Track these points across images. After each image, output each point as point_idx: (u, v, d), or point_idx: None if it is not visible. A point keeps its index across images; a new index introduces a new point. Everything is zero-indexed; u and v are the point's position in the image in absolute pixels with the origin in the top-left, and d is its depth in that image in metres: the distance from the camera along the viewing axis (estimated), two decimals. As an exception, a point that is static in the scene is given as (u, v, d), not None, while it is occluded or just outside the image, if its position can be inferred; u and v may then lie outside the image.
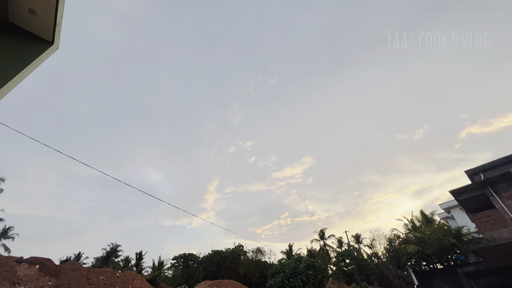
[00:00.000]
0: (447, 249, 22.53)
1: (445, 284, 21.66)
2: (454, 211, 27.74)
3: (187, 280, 41.37)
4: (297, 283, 15.65)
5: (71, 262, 29.09)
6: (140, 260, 45.68)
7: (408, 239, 25.86)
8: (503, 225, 12.58)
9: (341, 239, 44.04)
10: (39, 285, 22.05)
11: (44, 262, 24.86)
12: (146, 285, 29.97)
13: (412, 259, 24.71)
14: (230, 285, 26.47)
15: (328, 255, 43.13)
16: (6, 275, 20.81)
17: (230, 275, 38.48)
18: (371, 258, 39.84)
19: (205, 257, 42.82)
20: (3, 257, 23.39)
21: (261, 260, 44.98)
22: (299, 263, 17.32)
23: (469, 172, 17.80)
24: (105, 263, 41.52)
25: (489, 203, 14.63)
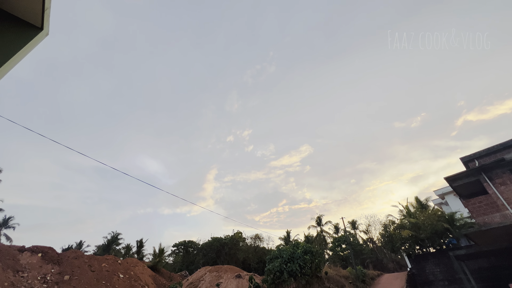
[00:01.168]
0: (440, 233, 23.21)
1: (437, 266, 22.47)
2: (448, 197, 28.36)
3: (187, 266, 42.47)
4: (294, 267, 16.13)
5: (73, 250, 29.61)
6: (141, 248, 46.61)
7: (403, 224, 26.54)
8: (495, 210, 12.91)
9: (337, 225, 45.07)
10: (43, 272, 22.53)
11: (46, 251, 25.28)
12: (147, 272, 30.75)
13: (406, 244, 25.48)
14: (230, 270, 27.25)
15: (325, 241, 44.26)
16: (9, 264, 21.20)
17: (230, 261, 39.49)
18: (367, 243, 41.00)
19: (204, 244, 43.75)
20: (5, 246, 23.72)
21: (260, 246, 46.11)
22: (296, 249, 17.78)
23: (464, 159, 18.03)
24: (106, 251, 42.31)
25: (482, 189, 14.94)
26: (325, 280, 19.18)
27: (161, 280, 30.87)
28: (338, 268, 24.27)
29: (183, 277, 34.45)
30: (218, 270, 26.91)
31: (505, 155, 14.87)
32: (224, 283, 23.64)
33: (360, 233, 43.77)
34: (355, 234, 42.65)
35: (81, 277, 23.57)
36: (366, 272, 24.70)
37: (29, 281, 20.94)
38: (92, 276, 24.41)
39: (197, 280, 25.74)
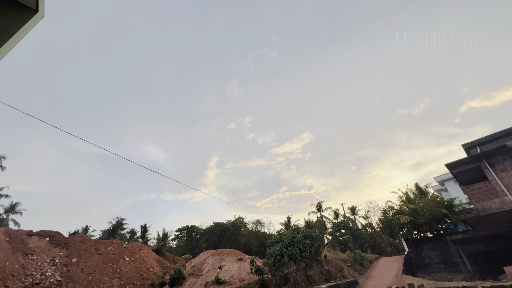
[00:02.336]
0: (438, 219, 23.60)
1: (434, 250, 23.04)
2: (448, 184, 28.56)
3: (190, 250, 43.80)
4: (294, 251, 16.57)
5: (80, 234, 30.48)
6: (145, 232, 47.91)
7: (402, 210, 26.94)
8: (494, 196, 13.04)
9: (337, 211, 45.84)
10: (51, 255, 23.33)
11: (54, 235, 26.05)
12: (152, 255, 31.78)
13: (404, 229, 26.00)
14: (232, 253, 28.09)
15: (325, 226, 45.22)
16: (19, 247, 21.93)
17: (232, 245, 40.67)
18: (366, 228, 41.87)
19: (207, 228, 44.87)
20: (13, 230, 24.43)
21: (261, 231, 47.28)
22: (297, 233, 18.18)
23: (466, 145, 17.97)
24: (111, 235, 43.51)
25: (482, 175, 15.00)
26: (324, 263, 19.77)
27: (166, 263, 31.95)
28: (337, 252, 24.94)
29: (187, 260, 35.63)
30: (221, 254, 27.73)
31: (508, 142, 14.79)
32: (226, 266, 24.44)
33: (359, 218, 44.64)
34: (355, 220, 43.47)
35: (89, 260, 24.41)
36: (364, 255, 25.39)
37: (38, 263, 21.70)
38: (99, 259, 25.26)
39: (200, 263, 26.60)
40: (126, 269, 25.49)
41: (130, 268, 25.85)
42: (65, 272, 21.90)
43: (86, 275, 22.39)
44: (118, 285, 22.72)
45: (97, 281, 22.24)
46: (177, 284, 23.19)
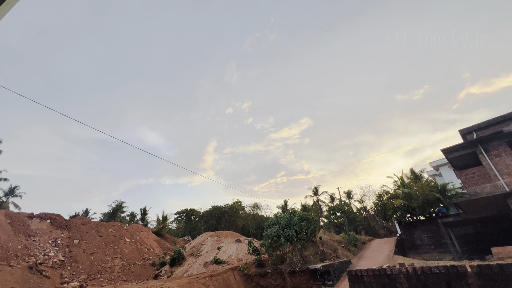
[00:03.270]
0: (431, 203, 24.26)
1: (425, 232, 23.89)
2: (442, 169, 29.07)
3: (190, 232, 44.94)
4: (291, 232, 17.09)
5: (80, 217, 30.98)
6: (145, 215, 48.81)
7: (396, 194, 27.57)
8: (487, 181, 13.33)
9: (333, 195, 46.79)
10: (53, 237, 23.83)
11: (54, 217, 26.45)
12: (152, 236, 32.61)
13: (398, 212, 26.77)
14: (230, 235, 28.91)
15: (321, 209, 46.33)
16: (21, 229, 22.31)
17: (230, 227, 41.74)
18: (360, 211, 43.00)
19: (206, 212, 45.80)
20: (14, 213, 24.75)
21: (258, 214, 48.40)
22: (293, 216, 18.65)
23: (462, 131, 18.08)
24: (112, 218, 44.31)
25: (477, 161, 15.24)
26: (320, 244, 20.47)
27: (166, 244, 32.88)
28: (332, 234, 25.76)
29: (186, 241, 36.67)
30: (219, 235, 28.52)
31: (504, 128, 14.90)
32: (224, 247, 25.22)
33: (354, 202, 45.68)
34: (350, 203, 44.51)
35: (90, 241, 25.01)
36: (358, 237, 26.27)
37: (41, 244, 22.19)
38: (100, 240, 25.89)
39: (199, 244, 27.40)
40: (127, 249, 26.23)
41: (131, 249, 26.59)
42: (67, 253, 22.50)
43: (88, 255, 23.03)
44: (120, 265, 23.48)
45: (99, 261, 22.93)
46: (177, 264, 24.01)
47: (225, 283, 16.80)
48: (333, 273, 15.84)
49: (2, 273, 15.44)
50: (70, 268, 20.85)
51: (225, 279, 17.13)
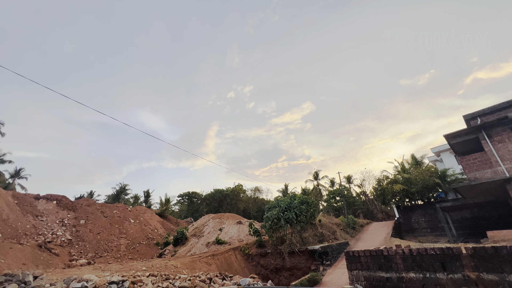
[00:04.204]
0: (430, 188, 24.51)
1: (423, 216, 24.36)
2: (443, 155, 29.07)
3: (192, 214, 46.08)
4: (291, 215, 17.48)
5: (85, 198, 31.73)
6: (148, 197, 49.89)
7: (396, 179, 27.80)
8: (488, 167, 13.34)
9: (333, 179, 47.28)
10: (60, 217, 24.55)
11: (60, 199, 27.10)
12: (156, 218, 33.52)
13: (397, 197, 27.13)
14: (231, 217, 29.65)
15: (321, 194, 47.05)
16: (28, 209, 22.96)
17: (231, 210, 42.69)
18: (360, 196, 43.63)
19: (207, 195, 46.66)
20: (21, 194, 25.35)
21: (259, 197, 49.29)
22: (293, 200, 18.99)
23: (467, 116, 17.84)
24: (116, 200, 45.32)
25: (479, 146, 15.16)
26: (319, 226, 21.00)
27: (169, 225, 33.85)
28: (331, 217, 26.33)
29: (189, 223, 37.73)
30: (221, 217, 29.26)
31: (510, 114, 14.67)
32: (226, 228, 25.96)
33: (354, 187, 46.23)
34: (350, 188, 45.07)
35: (96, 222, 25.78)
36: (357, 220, 26.87)
37: (48, 224, 22.90)
38: (105, 221, 26.67)
39: (202, 226, 28.19)
40: (132, 230, 27.09)
41: (135, 229, 27.47)
42: (74, 232, 23.30)
43: (94, 235, 23.86)
44: (125, 244, 24.37)
45: (105, 240, 23.79)
46: (180, 244, 24.87)
47: (227, 262, 17.46)
48: (331, 253, 16.37)
49: (13, 251, 16.10)
50: (77, 247, 21.68)
51: (226, 258, 17.79)
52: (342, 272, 13.87)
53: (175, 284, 10.03)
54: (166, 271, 12.74)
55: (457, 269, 5.79)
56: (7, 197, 21.88)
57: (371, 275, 7.33)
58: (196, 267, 15.05)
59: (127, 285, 9.05)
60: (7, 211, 20.04)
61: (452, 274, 5.82)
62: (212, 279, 11.66)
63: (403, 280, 6.56)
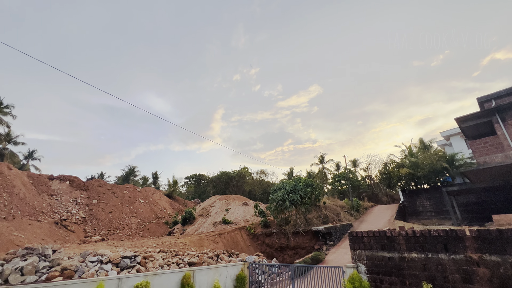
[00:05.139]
0: (437, 172, 24.29)
1: (428, 200, 24.39)
2: (453, 139, 28.43)
3: (199, 195, 47.35)
4: (296, 197, 17.77)
5: (96, 179, 32.78)
6: (157, 179, 51.21)
7: (403, 163, 27.59)
8: (499, 151, 13.04)
9: (339, 163, 47.27)
10: (73, 197, 25.59)
11: (73, 179, 28.08)
12: (164, 198, 34.60)
13: (403, 180, 27.07)
14: (237, 198, 30.37)
15: (326, 177, 47.31)
16: (43, 189, 23.95)
17: (237, 192, 43.63)
18: (365, 179, 43.73)
19: (214, 177, 47.58)
20: (36, 174, 26.34)
21: (265, 180, 50.00)
22: (298, 182, 19.20)
23: (481, 99, 17.18)
24: (125, 181, 46.73)
25: (491, 130, 14.73)
26: (323, 208, 21.36)
27: (177, 206, 34.98)
28: (335, 199, 26.69)
29: (196, 204, 38.90)
30: (227, 199, 29.99)
31: (527, 96, 14.06)
32: (232, 209, 26.68)
33: (360, 170, 46.23)
34: (355, 172, 45.12)
35: (107, 201, 26.82)
36: (361, 203, 27.17)
37: (63, 203, 23.95)
38: (116, 200, 27.70)
39: (209, 206, 29.03)
40: (142, 209, 28.15)
41: (145, 209, 28.53)
42: (88, 211, 24.38)
43: (106, 214, 24.94)
44: (136, 223, 25.46)
45: (117, 219, 24.87)
46: (188, 223, 25.83)
47: (233, 241, 18.14)
48: (334, 234, 16.78)
49: (32, 227, 17.04)
50: (91, 224, 22.78)
51: (233, 237, 18.46)
52: (345, 252, 14.28)
53: (184, 260, 10.55)
54: (176, 248, 13.36)
55: (459, 250, 5.87)
56: (23, 177, 22.80)
57: (374, 255, 7.53)
58: (203, 244, 15.71)
59: (139, 259, 9.57)
60: (24, 190, 20.98)
61: (454, 255, 5.91)
62: (219, 256, 12.20)
63: (405, 260, 6.72)
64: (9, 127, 30.97)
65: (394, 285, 6.77)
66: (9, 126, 30.92)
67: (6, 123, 30.39)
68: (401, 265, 6.77)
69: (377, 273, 7.27)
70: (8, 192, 19.21)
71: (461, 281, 5.66)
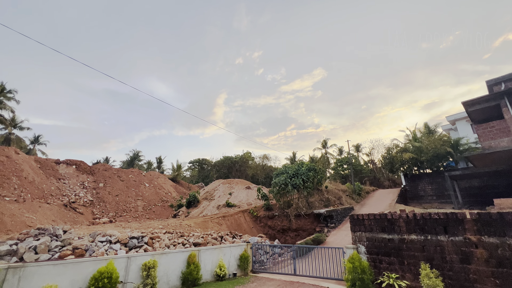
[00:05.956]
0: (441, 157, 24.20)
1: (430, 184, 24.53)
2: (459, 123, 27.99)
3: (203, 179, 48.11)
4: (298, 181, 17.98)
5: (102, 164, 33.34)
6: (161, 163, 51.92)
7: (406, 148, 27.47)
8: (505, 135, 12.87)
9: (342, 148, 47.29)
10: (80, 180, 26.18)
11: (79, 163, 28.59)
12: (169, 182, 35.26)
13: (406, 165, 27.09)
14: (240, 182, 30.83)
15: (328, 162, 47.50)
16: (51, 173, 24.49)
17: (240, 176, 44.17)
18: (367, 164, 43.83)
19: (217, 161, 48.04)
20: (43, 158, 26.84)
21: (267, 164, 50.38)
22: (301, 167, 19.34)
23: (490, 82, 16.71)
24: (130, 165, 47.47)
25: (499, 114, 14.45)
26: (325, 192, 21.65)
27: (181, 189, 35.70)
28: (337, 183, 26.97)
29: (200, 187, 39.63)
30: (230, 183, 30.46)
31: (538, 78, 13.61)
32: (235, 193, 27.18)
33: (362, 155, 46.25)
34: (358, 156, 45.14)
35: (113, 185, 27.43)
36: (363, 187, 27.43)
37: (71, 186, 24.56)
38: (122, 184, 28.31)
39: (212, 190, 29.57)
40: (147, 193, 28.82)
41: (150, 193, 29.20)
42: (95, 194, 25.04)
43: (113, 197, 25.61)
44: (142, 206, 26.18)
45: (124, 202, 25.56)
46: (192, 206, 26.48)
47: (236, 223, 18.65)
48: (335, 217, 17.12)
49: (42, 209, 17.63)
50: (99, 207, 23.48)
51: (236, 219, 18.96)
52: (345, 234, 14.64)
53: (190, 241, 10.94)
54: (181, 230, 13.80)
55: (459, 232, 5.97)
56: (31, 162, 23.28)
57: (374, 236, 7.71)
58: (208, 226, 16.19)
59: (146, 240, 9.93)
60: (32, 174, 21.49)
61: (454, 237, 6.03)
62: (223, 237, 12.61)
63: (404, 241, 6.88)
64: (13, 112, 31.14)
65: (392, 265, 6.99)
66: (14, 111, 31.08)
67: (10, 108, 30.54)
68: (400, 247, 6.94)
69: (377, 254, 7.49)
70: (17, 176, 19.70)
71: (458, 262, 5.81)
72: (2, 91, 29.83)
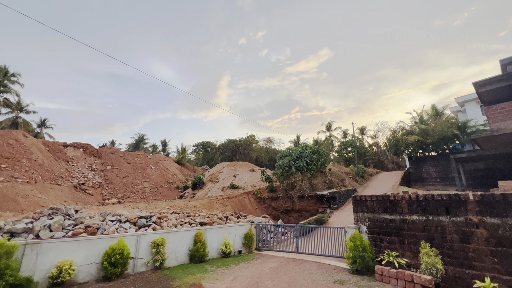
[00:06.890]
0: (447, 139, 23.89)
1: (434, 167, 24.47)
2: (468, 105, 27.29)
3: (207, 162, 48.73)
4: (302, 164, 18.11)
5: (108, 147, 33.87)
6: (166, 146, 52.55)
7: (412, 130, 27.09)
8: (515, 117, 12.56)
9: (346, 131, 46.87)
10: (88, 163, 26.77)
11: (86, 146, 29.08)
12: (174, 165, 35.85)
13: (410, 148, 26.88)
14: (245, 165, 31.18)
15: (332, 144, 47.37)
16: (59, 156, 25.04)
17: (244, 159, 44.56)
18: (372, 146, 43.63)
19: (221, 144, 48.33)
20: (50, 142, 27.34)
21: (271, 147, 50.54)
22: (305, 149, 19.38)
23: (504, 61, 16.00)
24: (136, 148, 48.16)
25: (510, 95, 14.01)
26: (328, 174, 21.83)
27: (186, 172, 36.35)
28: (341, 166, 27.08)
29: (205, 170, 40.27)
30: (235, 165, 30.84)
31: (556, 57, 12.98)
32: (240, 175, 27.59)
33: (367, 138, 45.94)
34: (362, 139, 44.87)
35: (120, 167, 28.03)
36: (366, 169, 27.52)
37: (79, 168, 25.18)
38: (129, 167, 28.90)
39: (217, 172, 30.05)
40: (153, 175, 29.45)
41: (156, 175, 29.83)
42: (103, 176, 25.70)
43: (121, 179, 26.28)
44: (149, 187, 26.88)
45: (131, 184, 26.25)
46: (198, 188, 27.09)
47: (241, 204, 19.12)
48: (338, 198, 17.39)
49: (53, 190, 18.26)
50: (107, 188, 24.19)
51: (240, 201, 19.42)
52: (347, 215, 14.95)
53: (196, 220, 11.32)
54: (187, 210, 14.24)
55: (460, 213, 6.04)
56: (39, 145, 23.75)
57: (376, 217, 7.86)
58: (213, 207, 16.66)
59: (155, 219, 10.32)
60: (42, 156, 22.02)
61: (455, 218, 6.11)
62: (228, 217, 13.01)
63: (406, 222, 7.02)
64: (18, 95, 31.30)
65: (393, 244, 7.18)
66: (18, 94, 31.22)
67: (15, 92, 30.66)
68: (401, 226, 7.09)
69: (378, 233, 7.68)
70: (27, 159, 20.22)
71: (458, 241, 5.94)
72: (6, 74, 29.80)
